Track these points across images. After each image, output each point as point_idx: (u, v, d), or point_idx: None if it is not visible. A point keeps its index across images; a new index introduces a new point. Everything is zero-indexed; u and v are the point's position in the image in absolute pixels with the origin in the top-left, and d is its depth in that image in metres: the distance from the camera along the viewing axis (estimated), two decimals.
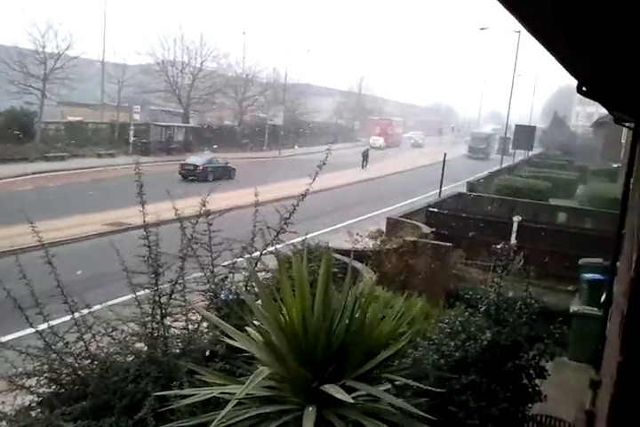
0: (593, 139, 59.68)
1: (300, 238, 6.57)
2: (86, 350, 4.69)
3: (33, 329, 4.71)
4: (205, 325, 5.18)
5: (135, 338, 4.84)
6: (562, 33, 2.84)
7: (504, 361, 4.77)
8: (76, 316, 4.76)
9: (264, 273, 5.76)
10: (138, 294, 5.03)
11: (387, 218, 15.46)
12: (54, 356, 4.56)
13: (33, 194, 23.89)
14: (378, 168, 42.91)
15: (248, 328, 4.12)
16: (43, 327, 4.72)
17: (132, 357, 4.67)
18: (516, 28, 39.56)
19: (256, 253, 5.64)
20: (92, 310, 4.88)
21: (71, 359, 4.62)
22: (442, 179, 23.02)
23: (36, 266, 4.74)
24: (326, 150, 5.71)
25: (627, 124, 8.13)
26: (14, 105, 36.69)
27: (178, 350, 4.81)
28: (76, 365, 4.60)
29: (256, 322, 4.10)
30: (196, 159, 33.25)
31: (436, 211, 17.21)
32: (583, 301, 10.09)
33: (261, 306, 4.05)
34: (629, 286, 2.17)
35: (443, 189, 23.21)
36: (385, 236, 12.91)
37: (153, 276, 4.96)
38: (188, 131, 45.23)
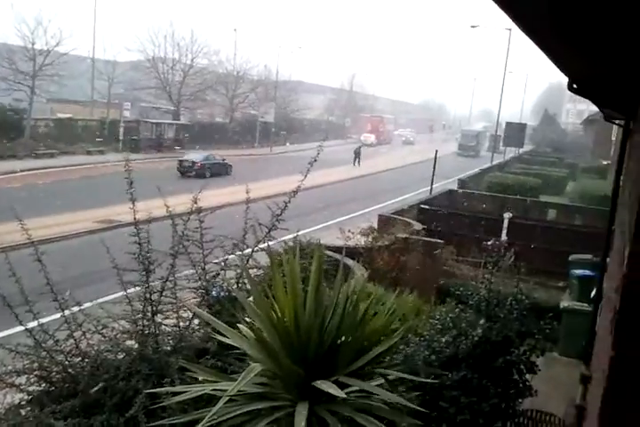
0: (583, 136, 60.08)
1: (292, 235, 6.56)
2: (77, 347, 4.66)
3: (22, 327, 4.67)
4: (197, 322, 5.15)
5: (126, 336, 4.82)
6: (556, 32, 2.86)
7: (495, 357, 4.79)
8: (67, 313, 4.73)
9: (256, 270, 5.75)
10: (128, 291, 5.00)
11: (378, 215, 15.49)
12: (44, 354, 4.53)
13: (22, 191, 23.71)
14: (369, 165, 42.94)
15: (240, 325, 4.11)
16: (33, 325, 4.69)
17: (123, 354, 4.64)
18: (507, 25, 39.68)
19: (248, 250, 5.63)
20: (82, 307, 4.85)
21: (61, 357, 4.58)
22: (433, 176, 23.10)
23: (25, 264, 4.70)
24: (317, 147, 5.70)
25: (617, 122, 8.16)
26: (3, 102, 36.42)
27: (169, 348, 4.79)
28: (67, 362, 4.57)
29: (248, 319, 4.09)
30: (194, 156, 33.62)
31: (428, 208, 17.29)
32: (573, 296, 10.14)
33: (253, 303, 4.04)
34: (622, 281, 2.18)
35: (434, 186, 23.29)
36: (376, 233, 12.93)
37: (144, 273, 4.93)
38: (178, 128, 45.10)
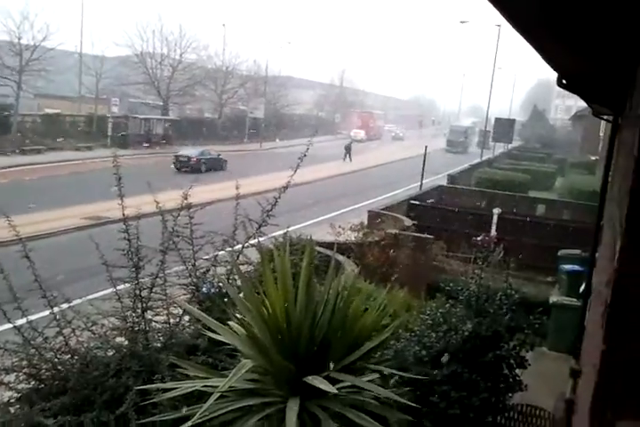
0: (572, 132, 60.35)
1: (282, 231, 6.55)
2: (66, 344, 4.63)
3: (11, 324, 4.63)
4: (187, 318, 5.14)
5: (116, 332, 4.79)
6: (549, 31, 2.88)
7: (485, 351, 4.82)
8: (56, 310, 4.69)
9: (246, 266, 5.73)
10: (118, 287, 4.97)
11: (368, 211, 15.52)
12: (33, 351, 4.50)
13: (9, 188, 23.50)
14: (359, 161, 42.94)
15: (230, 322, 4.10)
16: (21, 322, 4.65)
17: (113, 351, 4.62)
18: (496, 21, 39.74)
19: (238, 246, 5.62)
20: (71, 304, 4.81)
21: (50, 354, 4.55)
22: (423, 172, 23.17)
23: (13, 260, 4.66)
24: (307, 143, 5.69)
25: (605, 117, 8.21)
26: None
27: (159, 344, 4.77)
28: (56, 360, 4.54)
29: (238, 315, 4.08)
30: (190, 151, 33.79)
31: (418, 203, 17.35)
32: (562, 291, 10.20)
33: (244, 299, 4.03)
34: (613, 275, 2.19)
35: (424, 182, 23.36)
36: (367, 228, 12.94)
37: (133, 269, 4.91)
38: (167, 123, 44.84)
